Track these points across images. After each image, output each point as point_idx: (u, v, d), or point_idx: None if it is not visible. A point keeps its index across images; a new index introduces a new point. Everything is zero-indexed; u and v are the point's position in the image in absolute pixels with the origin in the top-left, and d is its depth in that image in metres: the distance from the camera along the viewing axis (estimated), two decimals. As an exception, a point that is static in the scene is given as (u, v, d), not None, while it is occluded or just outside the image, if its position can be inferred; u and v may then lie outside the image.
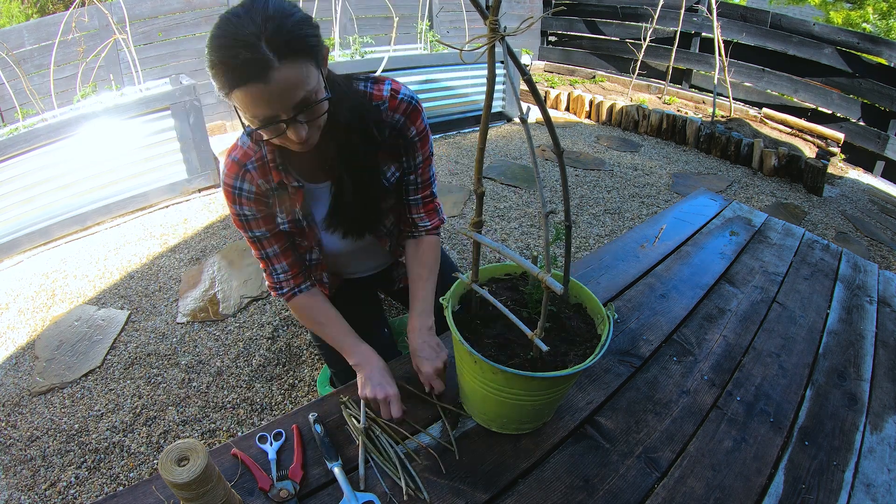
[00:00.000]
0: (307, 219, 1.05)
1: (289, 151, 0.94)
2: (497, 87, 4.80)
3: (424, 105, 1.06)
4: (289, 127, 0.77)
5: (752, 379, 1.05)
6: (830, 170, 4.18)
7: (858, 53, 4.44)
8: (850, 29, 4.98)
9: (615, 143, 4.62)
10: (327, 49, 0.84)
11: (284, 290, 1.09)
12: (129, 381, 1.85)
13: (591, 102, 5.37)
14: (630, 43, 5.71)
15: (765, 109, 4.94)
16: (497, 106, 5.03)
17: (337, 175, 1.00)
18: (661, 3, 5.11)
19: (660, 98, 5.43)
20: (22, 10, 5.25)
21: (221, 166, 1.01)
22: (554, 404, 0.86)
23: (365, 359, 1.00)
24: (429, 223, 1.14)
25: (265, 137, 0.81)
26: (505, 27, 0.55)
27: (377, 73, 3.94)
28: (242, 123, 0.83)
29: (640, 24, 5.55)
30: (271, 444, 0.84)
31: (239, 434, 1.63)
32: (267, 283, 1.11)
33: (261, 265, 1.09)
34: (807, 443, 0.92)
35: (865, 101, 4.49)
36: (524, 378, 0.73)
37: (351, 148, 0.96)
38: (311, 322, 1.11)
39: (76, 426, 1.67)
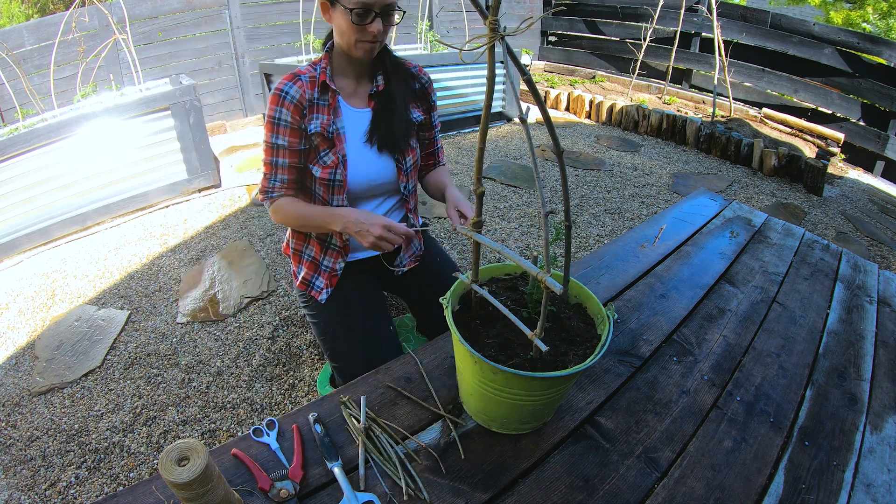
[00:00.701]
0: (338, 131, 1.20)
1: (341, 72, 1.22)
2: (497, 87, 4.80)
3: None
4: (373, 20, 1.08)
5: (752, 379, 1.05)
6: (830, 170, 4.18)
7: (858, 53, 4.44)
8: (849, 29, 4.97)
9: (615, 143, 4.63)
10: None
11: (274, 195, 1.22)
12: (129, 381, 1.85)
13: (591, 102, 5.37)
14: (630, 43, 5.71)
15: (765, 109, 4.95)
16: (497, 106, 5.03)
17: (383, 93, 1.24)
18: (661, 3, 5.11)
19: (660, 98, 5.43)
20: (22, 10, 5.25)
21: (276, 82, 1.19)
22: (554, 404, 0.86)
23: (347, 212, 1.14)
24: (445, 160, 1.51)
25: (355, 23, 1.06)
26: (505, 27, 0.55)
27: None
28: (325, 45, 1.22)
29: (640, 24, 5.55)
30: (267, 435, 0.84)
31: (239, 434, 1.63)
32: (260, 186, 1.23)
33: (265, 169, 1.21)
34: (807, 443, 0.92)
35: (865, 101, 4.49)
36: (524, 378, 0.73)
37: (399, 75, 1.27)
38: (291, 214, 1.21)
39: (76, 426, 1.67)
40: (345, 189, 1.24)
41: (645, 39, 5.25)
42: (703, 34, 5.36)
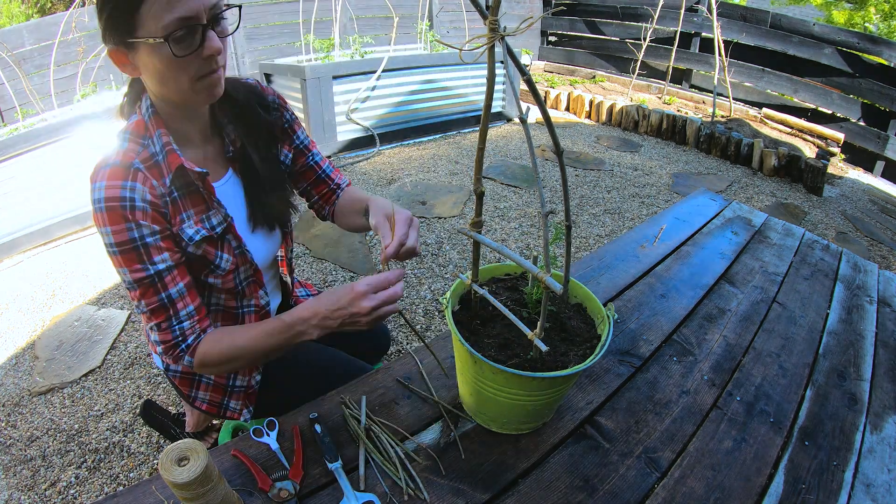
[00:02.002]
0: (223, 222, 0.87)
1: (180, 139, 0.85)
2: (497, 87, 4.80)
3: (424, 105, 1.12)
4: (204, 37, 0.73)
5: (752, 379, 1.05)
6: (830, 170, 4.18)
7: (858, 53, 4.44)
8: (850, 29, 4.97)
9: (615, 143, 4.63)
10: None
11: (189, 342, 0.83)
12: (129, 381, 1.85)
13: (591, 102, 5.37)
14: (630, 43, 5.72)
15: (765, 109, 4.95)
16: (497, 106, 5.03)
17: (242, 151, 0.92)
18: (661, 3, 5.11)
19: (660, 98, 5.43)
20: (22, 10, 5.25)
21: (95, 184, 0.75)
22: (554, 404, 0.86)
23: (307, 313, 0.80)
24: (347, 180, 1.15)
25: (181, 54, 0.71)
26: (505, 27, 0.55)
27: (375, 72, 3.94)
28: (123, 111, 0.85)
29: (640, 24, 5.55)
30: (267, 435, 0.84)
31: (239, 434, 1.63)
32: (161, 347, 0.83)
33: (154, 319, 0.81)
34: (807, 443, 0.92)
35: (865, 101, 4.49)
36: (524, 378, 0.73)
37: (252, 120, 0.92)
38: (229, 357, 0.84)
39: (76, 426, 1.67)
40: (260, 285, 0.98)
41: (645, 39, 5.25)
42: (703, 34, 5.36)
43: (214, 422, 1.47)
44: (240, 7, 0.80)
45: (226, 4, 0.77)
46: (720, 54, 4.63)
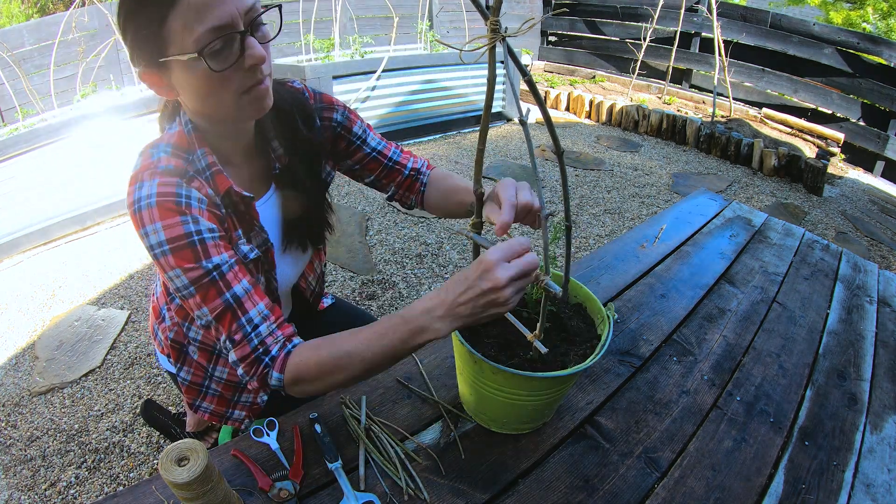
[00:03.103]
0: (265, 244, 0.82)
1: (223, 158, 0.79)
2: (497, 87, 4.80)
3: (424, 105, 1.04)
4: (245, 45, 0.65)
5: (752, 379, 1.05)
6: (830, 170, 4.18)
7: (858, 53, 4.44)
8: (849, 29, 4.97)
9: (615, 143, 4.63)
10: None
11: (274, 353, 0.70)
12: (129, 381, 1.85)
13: (591, 102, 5.37)
14: (630, 43, 5.72)
15: (765, 109, 4.95)
16: (497, 106, 5.04)
17: (287, 170, 0.85)
18: (661, 3, 5.11)
19: (660, 98, 5.43)
20: (22, 10, 5.25)
21: (140, 183, 0.68)
22: (554, 404, 0.87)
23: (426, 303, 0.66)
24: (423, 161, 1.02)
25: (220, 68, 0.64)
26: (506, 28, 0.55)
27: (375, 72, 3.94)
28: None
29: (640, 24, 5.56)
30: (267, 435, 0.84)
31: (239, 434, 1.63)
32: (240, 365, 0.71)
33: (220, 332, 0.70)
34: (807, 443, 0.92)
35: (865, 101, 4.49)
36: (524, 378, 0.73)
37: (297, 135, 0.84)
38: (332, 368, 0.69)
39: (76, 426, 1.67)
40: (282, 307, 0.96)
41: (645, 39, 5.25)
42: (703, 34, 5.36)
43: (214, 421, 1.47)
44: (280, 6, 0.70)
45: (264, 6, 0.68)
46: (720, 54, 4.63)
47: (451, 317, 0.65)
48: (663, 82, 5.50)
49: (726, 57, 4.71)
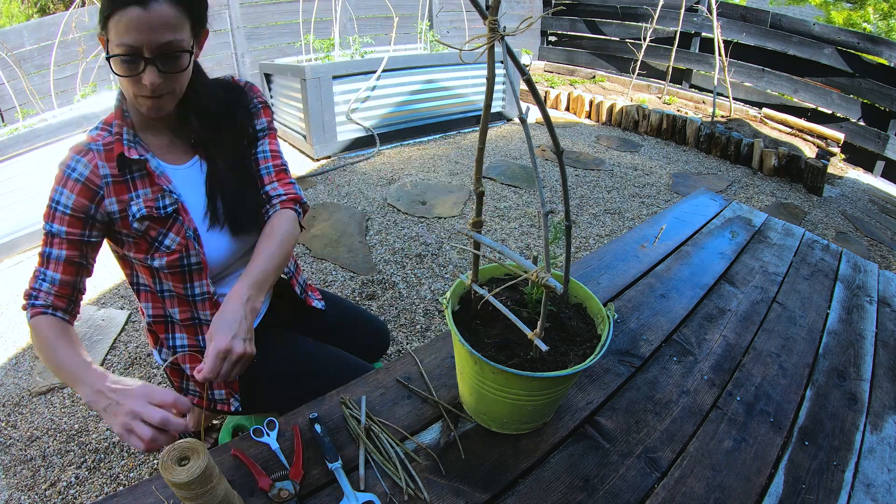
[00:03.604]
0: (177, 201, 0.93)
1: (146, 126, 0.95)
2: (497, 87, 4.81)
3: (424, 105, 1.08)
4: (145, 69, 0.81)
5: (752, 379, 1.05)
6: (830, 170, 4.18)
7: (858, 53, 4.44)
8: (850, 29, 4.98)
9: (615, 143, 4.63)
10: (206, 34, 0.92)
11: (37, 303, 0.88)
12: (129, 381, 1.85)
13: (591, 102, 5.37)
14: (630, 43, 5.72)
15: (765, 109, 4.95)
16: (497, 106, 5.04)
17: (204, 143, 0.98)
18: (661, 3, 5.11)
19: (660, 98, 5.43)
20: (22, 10, 5.25)
21: (68, 149, 0.91)
22: (554, 404, 0.87)
23: (96, 379, 0.76)
24: (283, 192, 1.03)
25: (120, 74, 0.82)
26: (504, 27, 0.55)
27: (375, 72, 3.94)
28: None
29: (640, 24, 5.56)
30: (267, 435, 0.84)
31: (239, 434, 1.63)
32: (26, 287, 0.91)
33: (37, 262, 0.91)
34: (807, 443, 0.92)
35: (865, 101, 4.49)
36: (524, 378, 0.73)
37: (218, 117, 0.98)
38: (43, 345, 0.85)
39: (76, 426, 1.67)
40: (206, 272, 0.97)
41: (645, 39, 5.25)
42: (703, 34, 5.36)
43: (215, 421, 1.47)
44: (191, 53, 0.87)
45: (181, 49, 0.83)
46: (720, 54, 4.63)
47: (91, 399, 0.76)
48: (663, 82, 5.50)
49: (726, 57, 4.71)
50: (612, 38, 6.25)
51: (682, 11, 5.07)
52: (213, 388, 1.06)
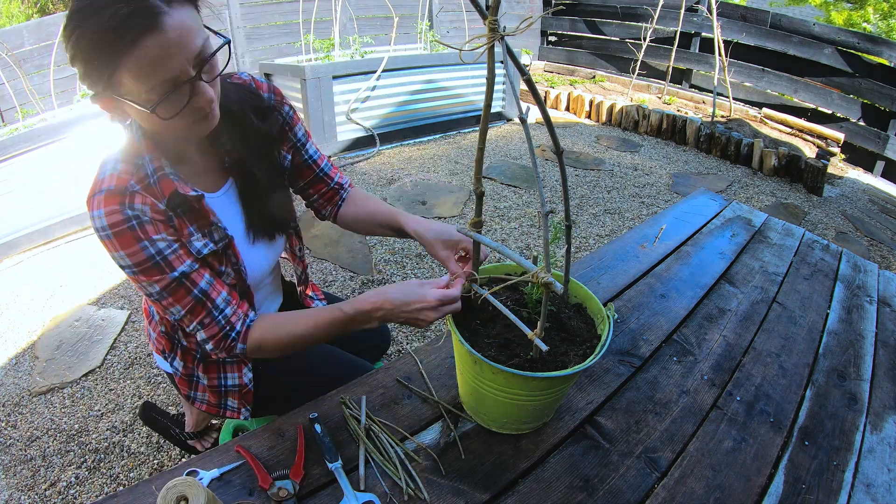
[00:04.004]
0: (225, 235, 0.86)
1: (178, 156, 0.82)
2: (497, 87, 4.80)
3: (424, 105, 1.09)
4: (195, 91, 0.68)
5: (752, 379, 1.05)
6: (830, 170, 4.18)
7: (858, 53, 4.44)
8: (850, 29, 4.97)
9: (615, 143, 4.63)
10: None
11: (238, 329, 0.83)
12: (129, 381, 1.85)
13: (591, 102, 5.37)
14: (630, 43, 5.72)
15: (765, 109, 4.95)
16: (497, 106, 5.03)
17: (239, 162, 0.89)
18: (661, 3, 5.11)
19: (660, 98, 5.43)
20: (22, 10, 5.25)
21: (93, 212, 0.73)
22: (554, 404, 0.87)
23: (376, 298, 0.80)
24: (347, 178, 1.12)
25: (169, 116, 0.68)
26: (504, 27, 0.55)
27: (375, 72, 3.94)
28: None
29: (640, 24, 5.55)
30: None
31: (240, 434, 1.63)
32: (209, 342, 0.82)
33: (192, 321, 0.80)
34: (807, 443, 0.92)
35: (865, 101, 4.49)
36: (524, 378, 0.73)
37: (247, 130, 0.88)
38: (286, 341, 0.85)
39: (76, 426, 1.67)
40: (251, 300, 0.96)
41: (645, 39, 5.25)
42: (703, 34, 5.36)
43: (214, 421, 1.47)
44: (229, 42, 0.73)
45: (213, 31, 0.72)
46: (720, 54, 4.63)
47: (384, 320, 0.82)
48: (663, 82, 5.50)
49: (726, 57, 4.70)
50: (612, 38, 6.25)
51: (682, 11, 5.07)
52: (227, 397, 1.05)
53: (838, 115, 4.69)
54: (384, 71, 3.99)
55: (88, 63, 0.65)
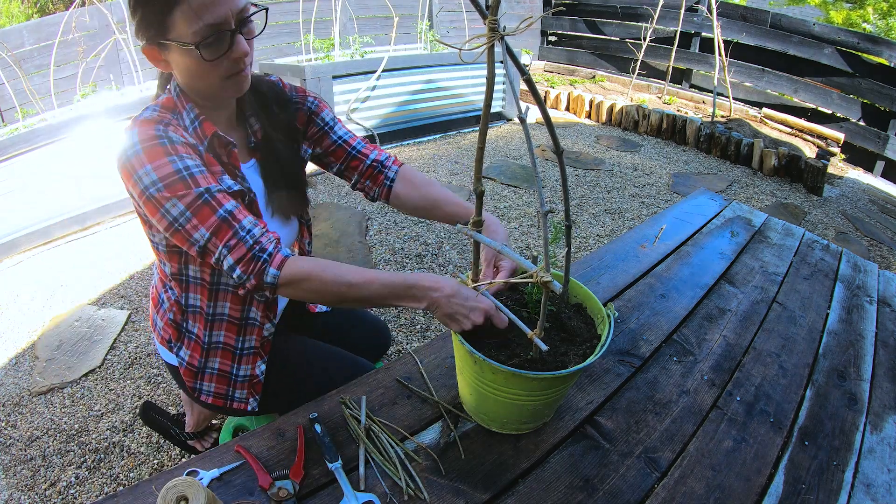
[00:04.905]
0: (249, 192, 0.89)
1: (210, 113, 0.88)
2: (497, 87, 4.80)
3: (424, 105, 1.10)
4: (234, 41, 0.77)
5: (752, 379, 1.05)
6: (830, 170, 4.18)
7: (858, 53, 4.44)
8: (850, 29, 4.97)
9: (615, 143, 4.63)
10: None
11: (269, 251, 0.79)
12: (129, 381, 1.85)
13: (591, 102, 5.37)
14: (630, 43, 5.72)
15: (765, 109, 4.95)
16: (497, 106, 5.03)
17: (265, 140, 0.95)
18: (661, 3, 5.11)
19: (660, 98, 5.43)
20: (22, 10, 5.25)
21: (128, 133, 0.78)
22: (554, 404, 0.86)
23: (435, 283, 0.80)
24: (388, 155, 1.10)
25: (211, 58, 0.76)
26: (504, 27, 0.55)
27: (375, 72, 3.94)
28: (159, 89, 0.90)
29: (640, 23, 5.55)
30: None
31: (240, 434, 1.63)
32: (238, 266, 0.77)
33: (217, 244, 0.77)
34: (807, 443, 0.92)
35: (865, 101, 4.49)
36: (524, 378, 0.73)
37: (272, 115, 0.96)
38: (332, 281, 0.80)
39: (76, 426, 1.67)
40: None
41: (645, 39, 5.25)
42: (703, 34, 5.36)
43: (214, 421, 1.47)
44: (266, 9, 0.83)
45: (253, 4, 0.81)
46: (720, 54, 4.63)
47: (436, 303, 0.80)
48: (663, 82, 5.50)
49: (726, 57, 4.70)
50: (613, 38, 6.25)
51: (682, 11, 5.07)
52: (235, 388, 1.04)
53: (838, 115, 4.69)
54: (384, 71, 3.99)
55: (147, 6, 0.74)
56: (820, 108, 4.80)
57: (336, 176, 1.13)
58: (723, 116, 4.86)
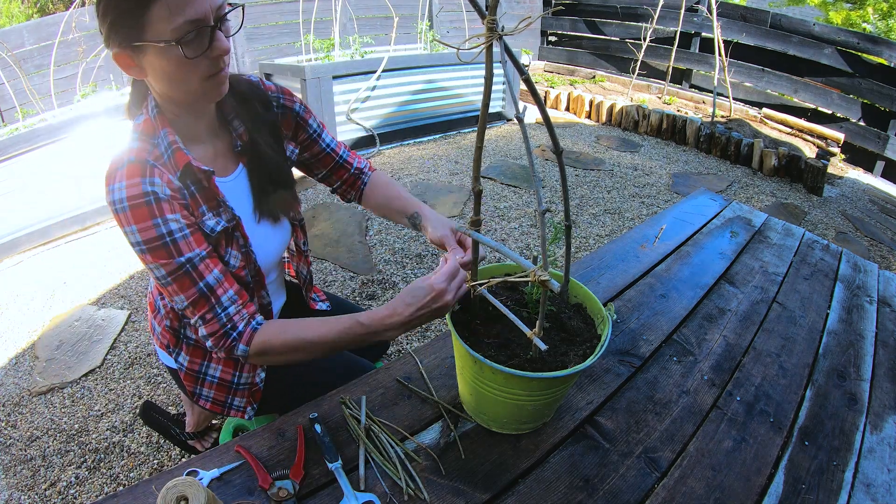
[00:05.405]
0: (235, 217, 0.88)
1: (191, 136, 0.86)
2: (497, 87, 4.80)
3: (424, 105, 1.12)
4: (213, 38, 0.74)
5: (752, 379, 1.05)
6: (830, 170, 4.18)
7: (858, 53, 4.44)
8: (850, 29, 4.97)
9: (615, 143, 4.62)
10: None
11: (241, 328, 0.82)
12: (129, 381, 1.85)
13: (591, 102, 5.37)
14: (630, 43, 5.72)
15: (765, 109, 4.95)
16: (496, 106, 5.03)
17: (250, 143, 0.92)
18: (661, 3, 5.11)
19: (660, 98, 5.43)
20: (22, 10, 5.25)
21: (113, 185, 0.75)
22: (554, 404, 0.86)
23: (390, 312, 0.81)
24: (366, 162, 1.16)
25: (192, 55, 0.73)
26: (503, 27, 0.55)
27: (375, 72, 3.94)
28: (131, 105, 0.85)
29: (640, 24, 5.55)
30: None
31: (240, 434, 1.63)
32: (209, 338, 0.81)
33: (194, 313, 0.80)
34: (807, 443, 0.92)
35: (865, 101, 4.49)
36: (524, 378, 0.73)
37: (256, 115, 0.93)
38: (295, 346, 0.84)
39: (76, 426, 1.67)
40: (263, 284, 0.97)
41: (645, 39, 5.25)
42: (703, 34, 5.36)
43: (214, 421, 1.47)
44: (243, 7, 0.82)
45: (229, 4, 0.79)
46: (720, 54, 4.63)
47: (404, 327, 0.82)
48: (663, 82, 5.50)
49: (726, 57, 4.70)
50: (613, 38, 6.25)
51: (682, 11, 5.07)
52: (235, 395, 1.04)
53: (838, 115, 4.69)
54: (384, 71, 3.99)
55: (119, 7, 0.70)
56: (820, 109, 4.80)
57: (317, 181, 1.15)
58: (723, 116, 4.86)
